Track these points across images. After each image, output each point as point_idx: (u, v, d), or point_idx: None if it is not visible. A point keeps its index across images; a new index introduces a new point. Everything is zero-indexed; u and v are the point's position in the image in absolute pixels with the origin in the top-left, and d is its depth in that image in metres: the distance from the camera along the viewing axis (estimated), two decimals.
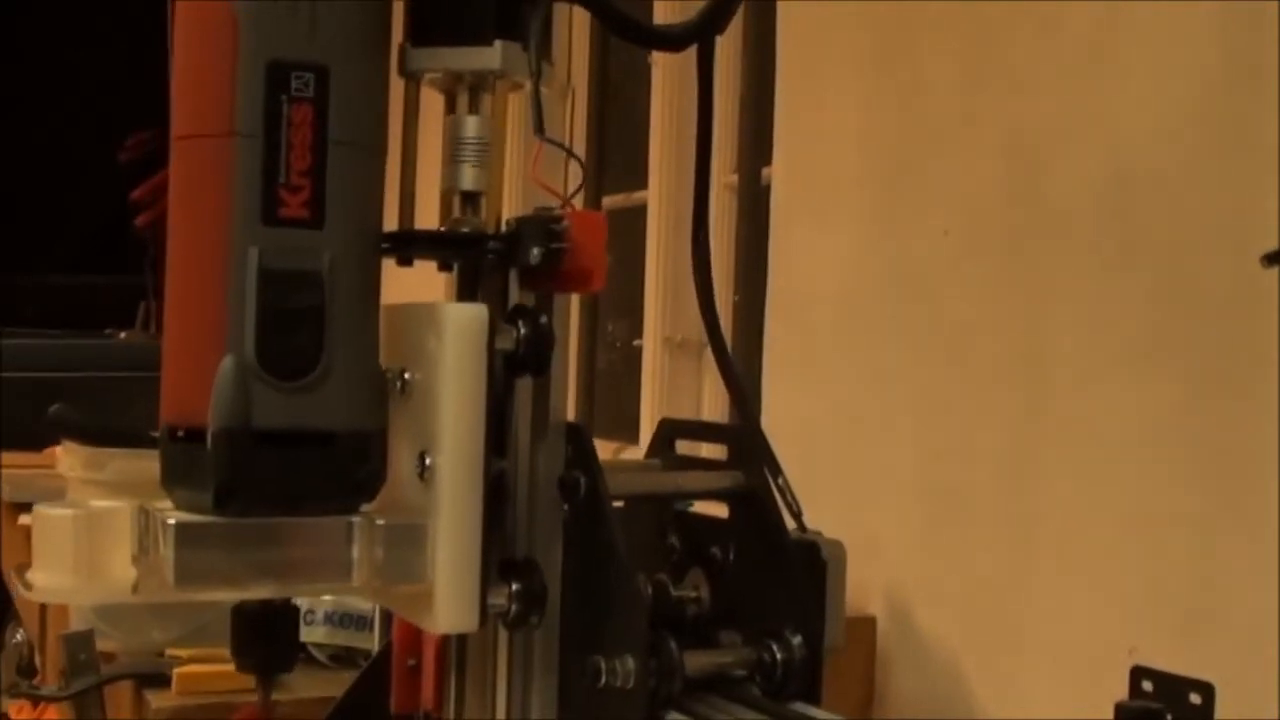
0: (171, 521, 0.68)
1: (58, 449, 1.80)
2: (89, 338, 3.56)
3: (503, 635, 0.78)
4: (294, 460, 0.70)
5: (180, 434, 0.71)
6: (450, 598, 0.72)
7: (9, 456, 2.63)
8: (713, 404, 2.52)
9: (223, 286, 0.69)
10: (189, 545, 0.68)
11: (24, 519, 2.08)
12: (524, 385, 0.76)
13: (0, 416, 2.83)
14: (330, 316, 0.70)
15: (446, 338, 0.72)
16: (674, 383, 2.58)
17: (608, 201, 2.80)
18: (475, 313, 0.72)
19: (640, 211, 2.68)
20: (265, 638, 0.75)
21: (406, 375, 0.74)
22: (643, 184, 2.69)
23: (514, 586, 0.75)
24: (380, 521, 0.71)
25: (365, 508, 0.73)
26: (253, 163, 0.69)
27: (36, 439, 2.75)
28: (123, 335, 3.82)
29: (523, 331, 0.74)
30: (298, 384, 0.69)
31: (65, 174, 5.07)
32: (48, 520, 0.71)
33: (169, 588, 0.68)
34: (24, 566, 0.71)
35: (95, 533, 0.70)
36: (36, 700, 1.53)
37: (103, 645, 1.39)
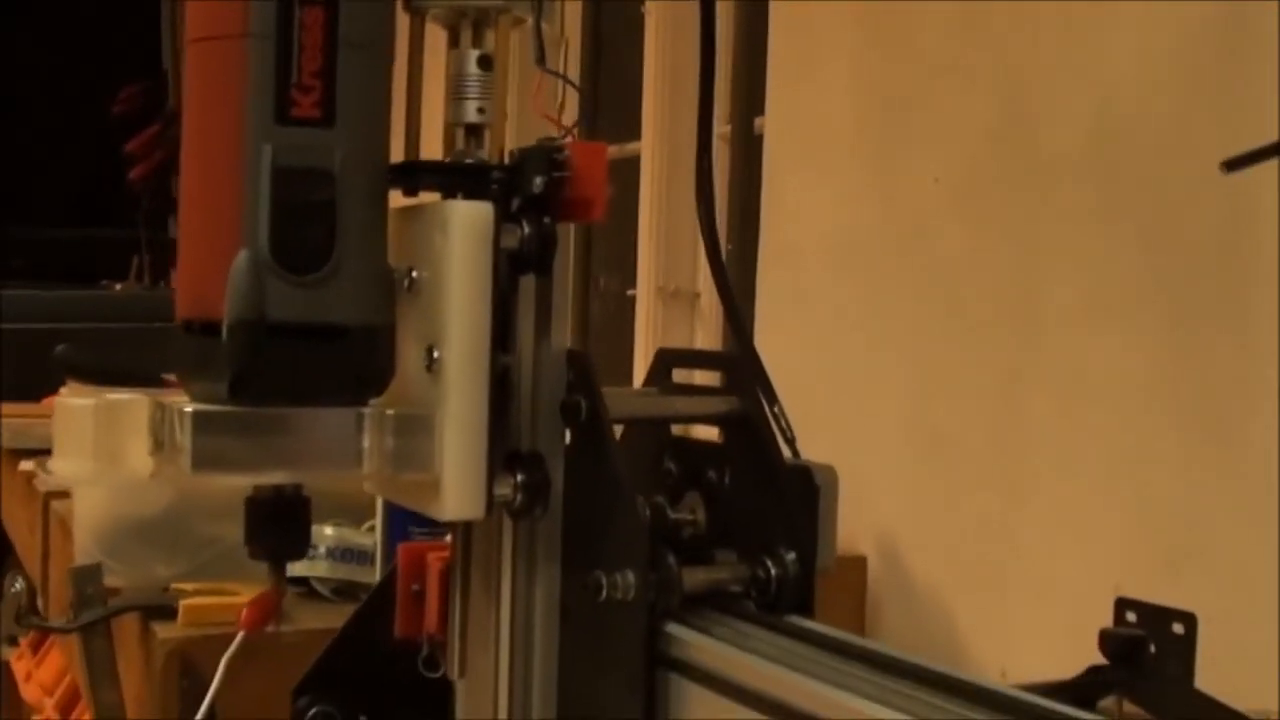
0: (189, 410, 0.71)
1: (62, 390, 1.82)
2: (86, 289, 3.58)
3: (507, 527, 0.81)
4: (306, 352, 0.72)
5: (195, 327, 0.73)
6: (457, 486, 0.74)
7: (8, 407, 2.65)
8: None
9: (238, 184, 0.71)
10: (205, 432, 0.71)
11: (24, 465, 2.11)
12: (527, 284, 0.79)
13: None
14: (341, 213, 0.72)
15: (453, 235, 0.74)
16: (667, 331, 2.61)
17: (563, 126, 2.81)
18: (481, 210, 0.75)
19: (632, 163, 2.70)
20: (278, 525, 0.78)
21: (414, 273, 0.76)
22: (634, 136, 2.71)
23: (519, 477, 0.78)
24: (390, 412, 0.74)
25: (374, 401, 0.75)
26: (265, 64, 0.71)
27: (34, 389, 2.77)
28: (118, 287, 3.85)
29: (527, 230, 0.77)
30: (310, 278, 0.72)
31: (57, 127, 5.07)
32: (69, 409, 0.73)
33: (186, 473, 0.71)
34: (45, 458, 0.73)
35: (114, 421, 0.72)
36: (46, 632, 1.55)
37: (108, 581, 1.41)
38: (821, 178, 2.03)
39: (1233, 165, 1.03)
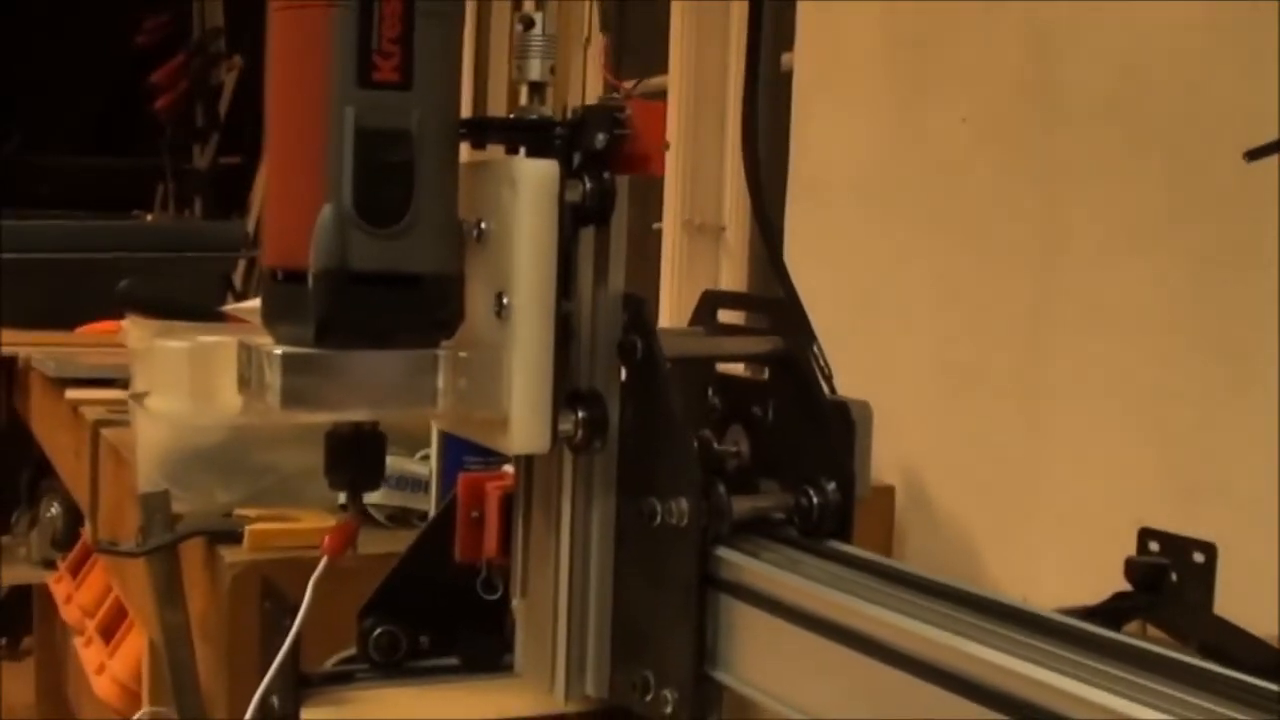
0: (278, 352, 0.77)
1: (123, 323, 1.88)
2: (118, 219, 3.62)
3: (567, 459, 0.86)
4: (385, 299, 0.78)
5: (282, 275, 0.79)
6: (525, 422, 0.80)
7: (47, 335, 2.71)
8: (729, 284, 2.58)
9: (322, 143, 0.77)
10: (293, 373, 0.77)
11: (70, 394, 2.17)
12: (587, 235, 0.84)
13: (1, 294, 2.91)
14: (418, 170, 0.78)
15: (522, 191, 0.80)
16: (692, 264, 2.65)
17: (625, 87, 2.84)
18: (548, 167, 0.81)
19: (658, 96, 2.72)
20: (355, 458, 0.84)
21: (483, 225, 0.82)
22: (660, 69, 2.74)
23: (580, 414, 0.84)
24: (463, 354, 0.80)
25: (446, 344, 0.81)
26: (349, 31, 0.76)
27: (68, 318, 2.84)
28: (149, 217, 3.89)
29: (588, 186, 0.82)
30: (389, 231, 0.78)
31: (81, 56, 5.09)
32: (165, 352, 0.79)
33: (275, 410, 0.77)
34: (141, 395, 0.79)
35: (208, 363, 0.78)
36: (117, 555, 1.60)
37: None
38: (849, 114, 2.06)
39: (1254, 155, 1.07)
